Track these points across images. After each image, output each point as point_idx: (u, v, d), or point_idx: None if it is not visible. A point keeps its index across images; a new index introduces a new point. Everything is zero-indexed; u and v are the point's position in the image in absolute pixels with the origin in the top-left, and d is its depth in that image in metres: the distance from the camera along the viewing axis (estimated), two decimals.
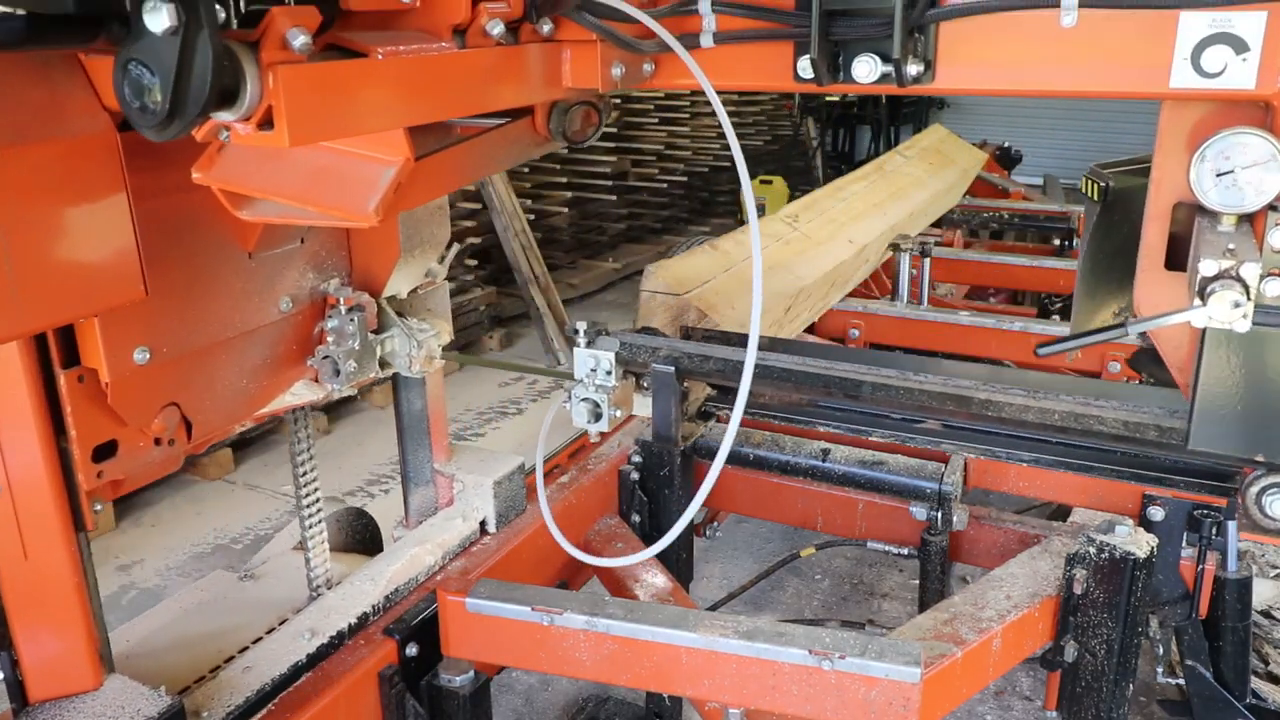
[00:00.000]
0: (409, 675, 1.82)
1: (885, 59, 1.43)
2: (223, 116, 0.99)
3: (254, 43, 0.99)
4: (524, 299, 6.54)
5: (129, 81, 0.91)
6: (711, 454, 2.52)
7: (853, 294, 4.11)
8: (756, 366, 2.18)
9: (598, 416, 2.01)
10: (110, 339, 1.39)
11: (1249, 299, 1.27)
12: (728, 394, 2.45)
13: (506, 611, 1.79)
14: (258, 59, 0.99)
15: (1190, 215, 1.47)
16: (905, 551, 2.34)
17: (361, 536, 2.51)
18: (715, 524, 2.71)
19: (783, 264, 3.58)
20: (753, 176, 9.06)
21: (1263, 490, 1.60)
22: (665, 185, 8.74)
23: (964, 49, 1.44)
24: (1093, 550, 1.94)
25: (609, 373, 2.05)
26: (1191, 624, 2.19)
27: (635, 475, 2.45)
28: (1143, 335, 1.59)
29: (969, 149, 6.35)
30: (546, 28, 1.44)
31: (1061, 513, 2.48)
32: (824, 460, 2.44)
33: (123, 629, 1.88)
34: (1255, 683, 2.44)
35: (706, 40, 1.54)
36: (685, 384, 2.31)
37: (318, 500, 1.93)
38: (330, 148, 1.28)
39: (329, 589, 1.94)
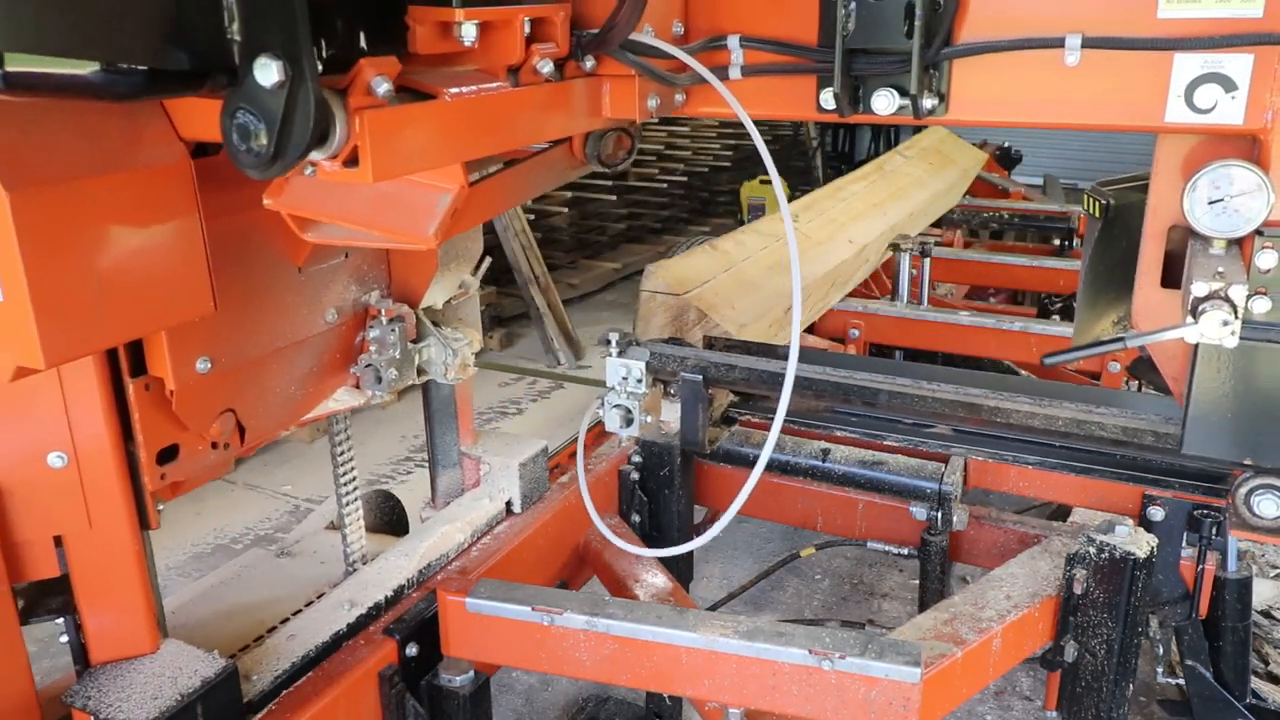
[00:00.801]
0: (409, 675, 1.85)
1: (902, 93, 1.52)
2: (313, 156, 1.09)
3: (342, 90, 1.09)
4: (524, 299, 6.54)
5: (237, 128, 1.00)
6: (724, 458, 2.59)
7: (853, 294, 4.12)
8: (777, 375, 2.28)
9: (629, 422, 2.11)
10: (176, 350, 1.47)
11: (1237, 317, 1.36)
12: (749, 399, 2.53)
13: (506, 611, 1.80)
14: (346, 104, 1.09)
15: (1184, 236, 1.56)
16: (905, 551, 2.36)
17: (389, 518, 2.59)
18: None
19: (783, 264, 3.61)
20: (753, 177, 9.18)
21: (1251, 491, 1.69)
22: (665, 185, 8.71)
23: (975, 84, 1.53)
24: (1093, 550, 1.96)
25: (639, 380, 2.13)
26: (1191, 624, 2.22)
27: (635, 475, 2.49)
28: (1140, 345, 1.69)
29: (969, 149, 6.36)
30: (589, 64, 1.54)
31: (1061, 513, 2.50)
32: (824, 460, 2.46)
33: (167, 601, 1.93)
34: (1255, 683, 2.44)
35: (735, 73, 1.62)
36: (710, 391, 2.39)
37: (354, 480, 2.02)
38: None
39: (364, 564, 2.02)
